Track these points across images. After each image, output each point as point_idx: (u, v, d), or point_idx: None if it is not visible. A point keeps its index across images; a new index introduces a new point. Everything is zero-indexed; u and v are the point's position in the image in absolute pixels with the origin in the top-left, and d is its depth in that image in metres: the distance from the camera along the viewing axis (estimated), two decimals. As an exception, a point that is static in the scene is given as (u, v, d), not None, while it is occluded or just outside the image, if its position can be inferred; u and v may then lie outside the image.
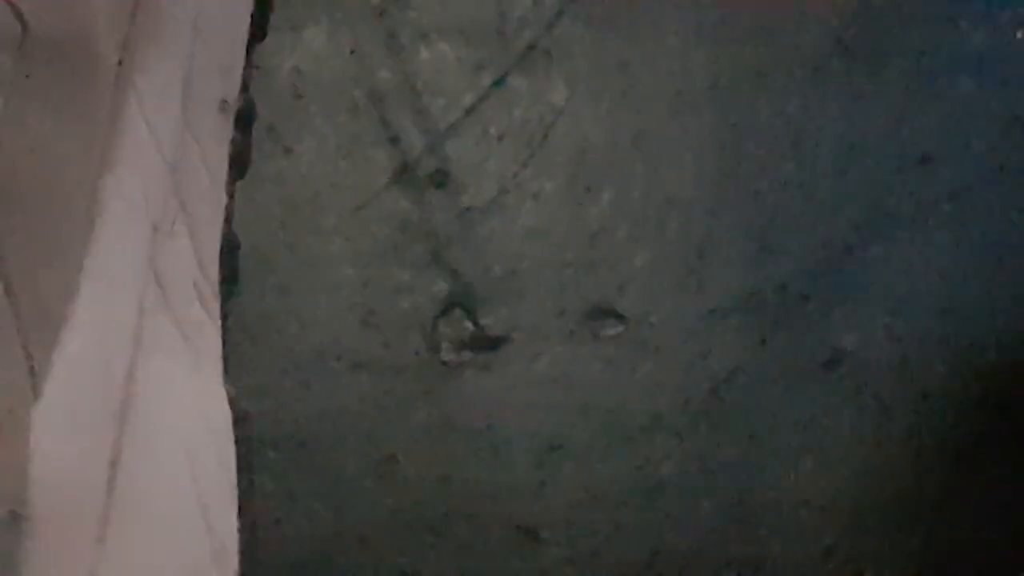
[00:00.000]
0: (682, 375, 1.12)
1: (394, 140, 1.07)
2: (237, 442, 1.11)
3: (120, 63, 1.03)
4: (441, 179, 1.08)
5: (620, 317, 1.11)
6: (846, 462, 1.15)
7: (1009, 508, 1.18)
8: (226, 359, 1.10)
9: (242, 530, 1.12)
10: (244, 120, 1.08)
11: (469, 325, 1.10)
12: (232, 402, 1.10)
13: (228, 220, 1.09)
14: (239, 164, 1.08)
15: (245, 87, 1.08)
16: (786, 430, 1.14)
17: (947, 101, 1.11)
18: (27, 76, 0.98)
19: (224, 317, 1.10)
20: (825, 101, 1.09)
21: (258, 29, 1.06)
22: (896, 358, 1.13)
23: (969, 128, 1.11)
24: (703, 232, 1.10)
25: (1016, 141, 1.12)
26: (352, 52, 1.06)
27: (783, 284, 1.11)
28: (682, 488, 1.14)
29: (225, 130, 1.09)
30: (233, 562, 1.11)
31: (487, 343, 1.10)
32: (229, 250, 1.09)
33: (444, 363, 1.11)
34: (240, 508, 1.13)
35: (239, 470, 1.10)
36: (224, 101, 1.09)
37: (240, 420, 1.10)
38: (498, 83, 1.07)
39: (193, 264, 1.09)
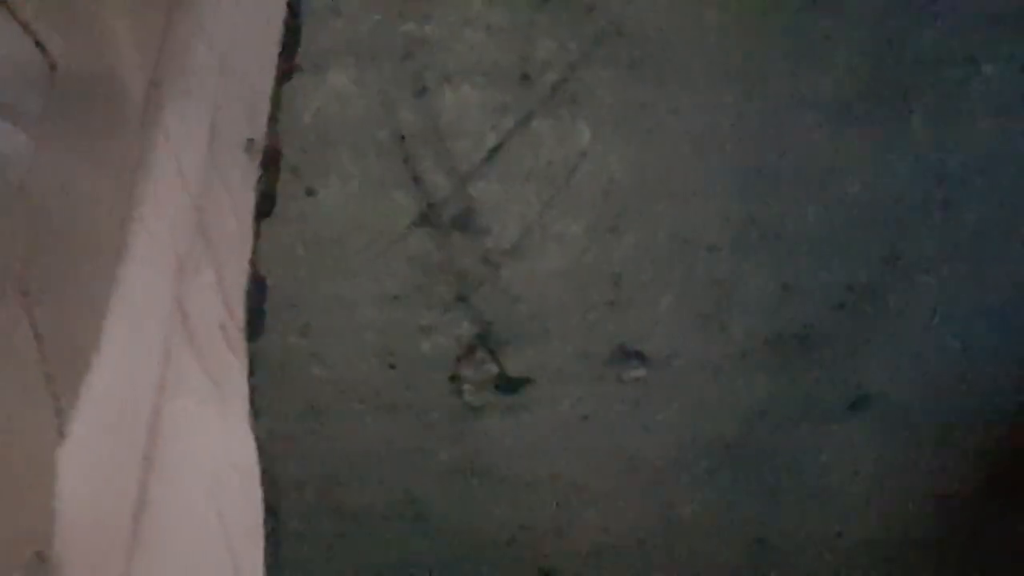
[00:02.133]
0: (706, 417, 1.12)
1: (418, 181, 1.07)
2: (262, 482, 1.11)
3: (148, 102, 1.04)
4: (465, 221, 1.08)
5: (644, 359, 1.10)
6: (870, 505, 1.14)
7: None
8: (252, 400, 1.10)
9: (267, 571, 1.11)
10: (270, 159, 1.08)
11: (492, 367, 1.10)
12: (258, 442, 1.10)
13: (254, 260, 1.10)
14: (265, 203, 1.08)
15: (272, 126, 1.08)
16: (810, 473, 1.13)
17: (970, 143, 1.10)
18: (57, 115, 0.99)
19: (250, 357, 1.10)
20: (849, 143, 1.09)
21: (285, 68, 1.06)
22: (921, 400, 1.12)
23: (992, 170, 1.10)
24: (727, 274, 1.10)
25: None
26: (377, 94, 1.06)
27: (807, 325, 1.10)
28: (704, 531, 1.14)
29: (251, 169, 1.09)
30: (259, 599, 1.11)
31: (510, 385, 1.10)
32: (256, 290, 1.09)
33: (467, 405, 1.11)
34: (266, 549, 1.12)
35: (264, 511, 1.10)
36: (250, 140, 1.09)
37: (265, 461, 1.10)
38: (522, 125, 1.07)
39: (219, 304, 1.10)
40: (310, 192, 1.07)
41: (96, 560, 1.03)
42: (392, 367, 1.09)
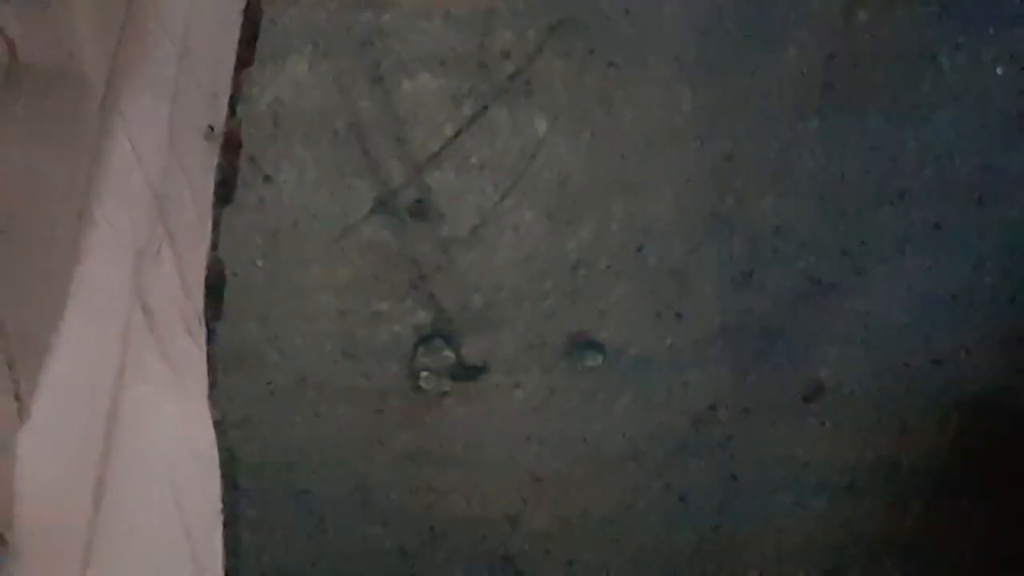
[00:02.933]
0: (661, 407, 1.12)
1: (375, 170, 1.08)
2: (220, 468, 1.12)
3: (107, 90, 1.04)
4: (422, 209, 1.08)
5: (599, 348, 1.11)
6: (824, 494, 1.14)
7: (988, 540, 1.18)
8: (211, 385, 1.10)
9: (225, 556, 1.12)
10: (230, 146, 1.08)
11: (449, 354, 1.11)
12: (216, 428, 1.11)
13: (214, 246, 1.10)
14: (225, 190, 1.09)
15: (232, 113, 1.08)
16: (764, 462, 1.13)
17: (925, 136, 1.10)
18: (15, 102, 0.99)
19: (208, 344, 1.10)
20: (805, 136, 1.09)
21: (245, 56, 1.07)
22: (875, 391, 1.13)
23: (946, 163, 1.11)
24: (683, 264, 1.10)
25: (993, 175, 1.12)
26: (334, 82, 1.07)
27: (762, 317, 1.11)
28: (660, 520, 1.15)
29: (211, 156, 1.10)
30: (218, 586, 1.12)
31: (466, 373, 1.11)
32: (215, 276, 1.10)
33: (423, 392, 1.11)
34: (224, 535, 1.13)
35: (222, 497, 1.11)
36: (210, 128, 1.09)
37: (223, 447, 1.10)
38: (479, 114, 1.07)
39: (179, 291, 1.10)
40: (267, 180, 1.07)
41: (56, 544, 1.04)
42: (349, 354, 1.09)
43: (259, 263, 1.07)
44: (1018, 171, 1.12)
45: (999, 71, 1.12)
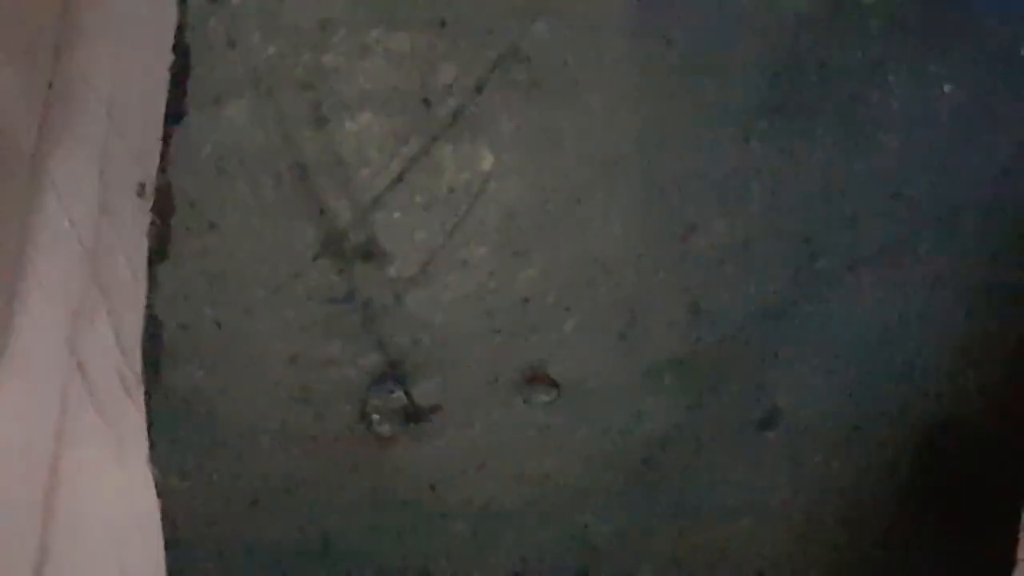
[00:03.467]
0: (616, 439, 1.12)
1: (321, 212, 1.06)
2: (164, 524, 1.10)
3: (35, 150, 1.02)
4: (368, 250, 1.07)
5: (553, 383, 1.10)
6: (783, 522, 1.14)
7: (948, 565, 1.18)
8: (152, 442, 1.08)
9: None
10: (162, 202, 1.06)
11: (401, 396, 1.09)
12: (159, 486, 1.09)
13: (150, 304, 1.08)
14: (159, 247, 1.07)
15: (163, 169, 1.06)
16: (722, 491, 1.13)
17: (875, 156, 1.10)
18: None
19: (148, 399, 1.08)
20: (754, 157, 1.08)
21: (174, 110, 1.05)
22: (832, 416, 1.13)
23: (898, 182, 1.10)
24: (634, 295, 1.09)
25: (945, 194, 1.11)
26: (276, 124, 1.05)
27: (716, 345, 1.10)
28: (618, 553, 1.14)
29: (143, 214, 1.08)
30: (165, 655, 1.10)
31: (419, 414, 1.10)
32: (152, 334, 1.08)
33: (377, 435, 1.10)
34: (168, 592, 1.12)
35: (168, 554, 1.09)
36: (142, 185, 1.07)
37: (168, 502, 1.08)
38: (424, 151, 1.06)
39: (115, 351, 1.08)
40: (211, 226, 1.05)
41: (-4, 616, 1.02)
42: (299, 400, 1.08)
43: (205, 312, 1.05)
44: (968, 190, 1.11)
45: (947, 89, 1.11)
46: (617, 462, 1.13)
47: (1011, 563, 1.12)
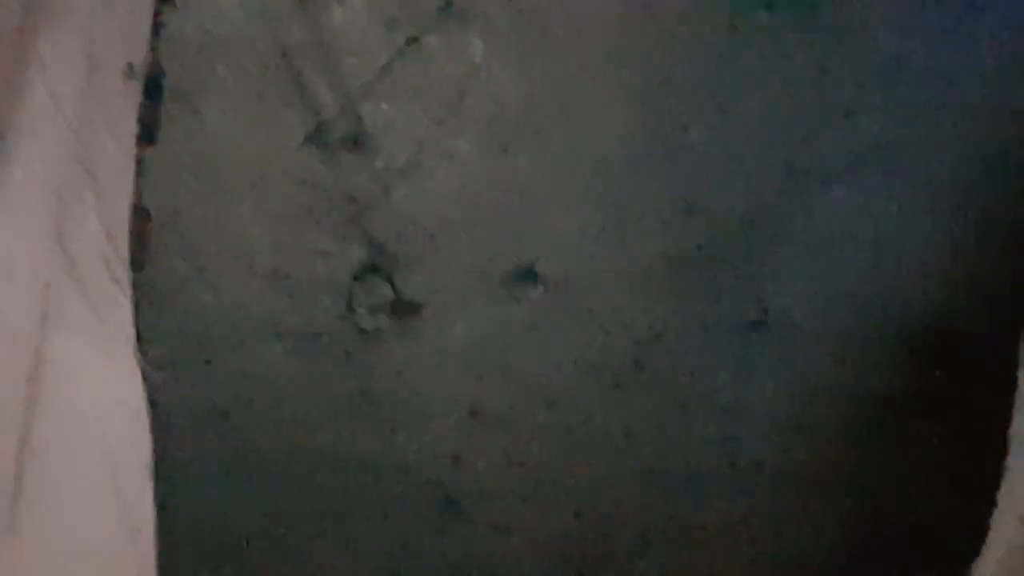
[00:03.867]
0: (604, 338, 1.10)
1: (306, 101, 1.04)
2: (150, 418, 1.08)
3: (20, 30, 1.00)
4: (355, 140, 1.05)
5: (541, 279, 1.08)
6: (771, 424, 1.12)
7: (932, 467, 1.16)
8: (137, 331, 1.07)
9: (158, 510, 1.09)
10: (152, 84, 1.04)
11: (387, 290, 1.08)
12: (144, 376, 1.07)
13: (137, 188, 1.06)
14: (148, 130, 1.05)
15: (152, 51, 1.04)
16: (710, 392, 1.11)
17: (871, 55, 1.08)
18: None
19: (135, 287, 1.07)
20: (748, 56, 1.07)
21: (165, -10, 1.03)
22: (821, 318, 1.11)
23: (893, 82, 1.08)
24: (624, 192, 1.08)
25: (939, 94, 1.09)
26: (261, 10, 1.03)
27: (707, 243, 1.09)
28: (605, 454, 1.12)
29: (132, 95, 1.06)
30: (150, 543, 1.08)
31: (405, 308, 1.08)
32: (139, 219, 1.06)
33: (361, 329, 1.08)
34: (155, 488, 1.10)
35: (153, 448, 1.07)
36: (130, 66, 1.05)
37: (153, 395, 1.07)
38: (413, 41, 1.04)
39: (101, 233, 1.06)
40: (195, 113, 1.03)
41: (-24, 506, 1.00)
42: (283, 292, 1.06)
43: (188, 200, 1.03)
44: (966, 85, 1.09)
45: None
46: (605, 361, 1.11)
47: (1001, 465, 1.10)
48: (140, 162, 1.05)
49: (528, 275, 1.08)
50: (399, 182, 1.06)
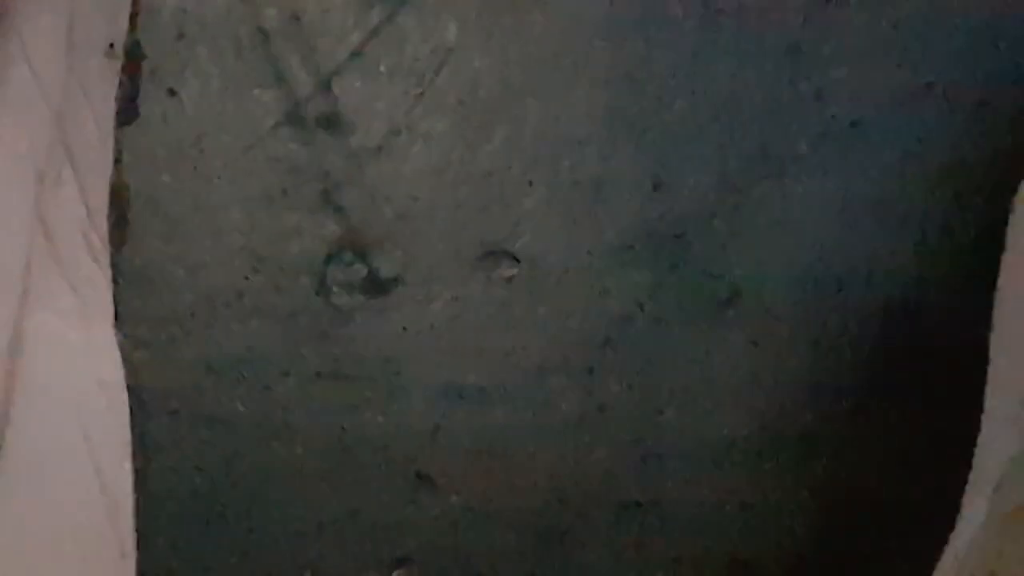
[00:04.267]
0: (578, 316, 1.11)
1: (281, 80, 1.05)
2: (128, 396, 1.09)
3: (1, 8, 1.01)
4: (330, 120, 1.06)
5: (515, 258, 1.09)
6: (743, 401, 1.13)
7: (900, 446, 1.17)
8: (116, 309, 1.08)
9: (135, 485, 1.10)
10: (132, 63, 1.05)
11: (361, 268, 1.08)
12: (122, 354, 1.08)
13: (117, 167, 1.07)
14: (127, 109, 1.06)
15: (132, 29, 1.05)
16: (683, 370, 1.12)
17: (841, 35, 1.08)
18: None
19: (114, 266, 1.08)
20: (717, 34, 1.07)
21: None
22: (792, 296, 1.11)
23: (863, 62, 1.09)
24: (597, 171, 1.08)
25: (908, 75, 1.10)
26: (237, -11, 1.04)
27: (679, 222, 1.10)
28: (579, 430, 1.13)
29: (112, 75, 1.07)
30: (128, 519, 1.09)
31: (379, 287, 1.09)
32: (118, 197, 1.07)
33: (336, 307, 1.09)
34: (132, 463, 1.11)
35: (131, 425, 1.08)
36: (111, 45, 1.06)
37: (131, 373, 1.08)
38: (387, 20, 1.05)
39: (82, 213, 1.07)
40: (171, 93, 1.04)
41: (-43, 479, 1.00)
42: (258, 271, 1.07)
43: (164, 179, 1.04)
44: (936, 68, 1.10)
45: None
46: (579, 340, 1.12)
47: (972, 442, 1.10)
48: (118, 141, 1.06)
49: (501, 253, 1.09)
50: (373, 161, 1.07)
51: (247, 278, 1.06)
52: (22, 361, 1.06)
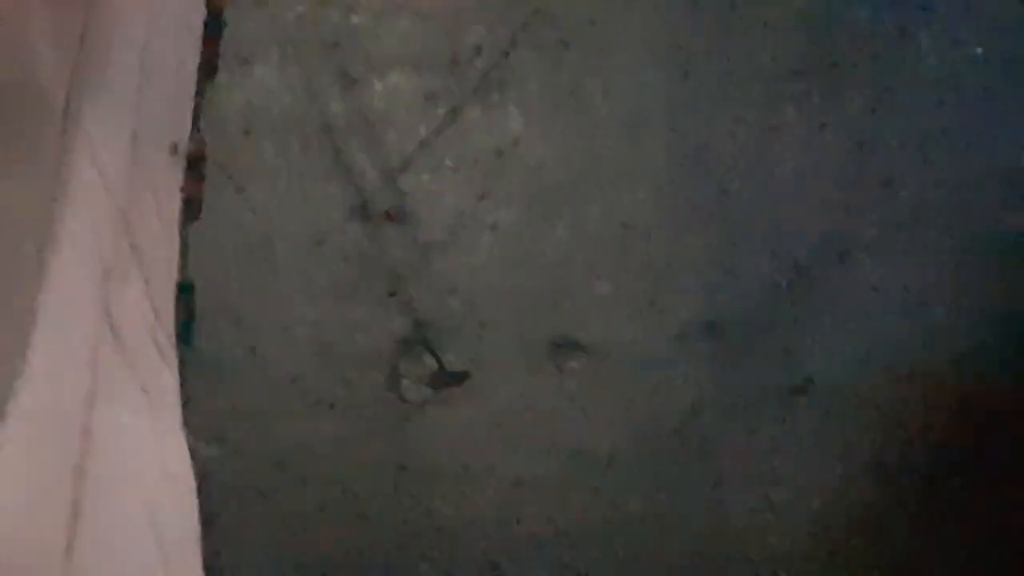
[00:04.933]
0: (646, 407, 1.10)
1: (348, 175, 1.05)
2: (198, 490, 1.09)
3: (68, 105, 1.01)
4: (397, 213, 1.06)
5: (582, 348, 1.09)
6: (813, 491, 1.13)
7: (972, 530, 1.16)
8: (184, 405, 1.08)
9: (204, 577, 1.10)
10: (195, 161, 1.05)
11: (431, 361, 1.08)
12: (191, 449, 1.08)
13: (182, 264, 1.07)
14: (192, 206, 1.06)
15: (196, 127, 1.06)
16: (752, 461, 1.12)
17: (906, 118, 1.09)
18: (-26, 121, 0.96)
19: (181, 362, 1.08)
20: (784, 123, 1.07)
21: (208, 67, 1.04)
22: (863, 381, 1.11)
23: (928, 145, 1.09)
24: (663, 259, 1.08)
25: (973, 159, 1.10)
26: (304, 86, 1.04)
27: (746, 309, 1.09)
28: (648, 523, 1.13)
29: (176, 172, 1.07)
30: (196, 612, 1.09)
31: (449, 379, 1.09)
32: (184, 294, 1.07)
33: (406, 401, 1.09)
34: (203, 559, 1.11)
35: (201, 519, 1.08)
36: (174, 144, 1.07)
37: (200, 467, 1.08)
38: (452, 113, 1.05)
39: (148, 310, 1.07)
40: (239, 190, 1.05)
41: (31, 571, 1.01)
42: (328, 364, 1.07)
43: (233, 275, 1.04)
44: (997, 154, 1.10)
45: (979, 51, 1.10)
46: (648, 430, 1.12)
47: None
48: (184, 240, 1.06)
49: (569, 343, 1.09)
50: (441, 254, 1.07)
51: (317, 373, 1.06)
52: (91, 459, 1.06)
